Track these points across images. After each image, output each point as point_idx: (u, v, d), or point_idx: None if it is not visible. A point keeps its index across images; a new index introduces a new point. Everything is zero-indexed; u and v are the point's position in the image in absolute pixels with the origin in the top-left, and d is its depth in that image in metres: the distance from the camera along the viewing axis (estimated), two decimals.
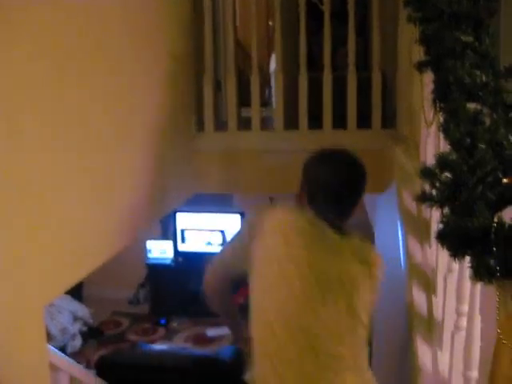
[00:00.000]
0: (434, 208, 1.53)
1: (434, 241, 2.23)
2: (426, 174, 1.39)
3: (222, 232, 6.38)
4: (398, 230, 2.68)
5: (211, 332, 5.57)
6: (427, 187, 1.42)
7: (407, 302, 2.27)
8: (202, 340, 5.76)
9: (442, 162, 1.35)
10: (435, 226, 2.15)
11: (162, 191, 3.06)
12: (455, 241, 1.18)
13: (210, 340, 5.64)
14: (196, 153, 3.51)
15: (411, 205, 2.58)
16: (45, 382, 1.99)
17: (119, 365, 4.07)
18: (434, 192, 1.34)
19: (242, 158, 3.55)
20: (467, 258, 1.19)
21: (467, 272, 1.64)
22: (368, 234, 1.93)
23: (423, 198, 1.38)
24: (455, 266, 1.86)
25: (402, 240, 2.57)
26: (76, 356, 5.31)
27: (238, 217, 6.34)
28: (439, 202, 1.32)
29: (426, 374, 1.94)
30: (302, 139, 3.51)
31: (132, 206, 2.67)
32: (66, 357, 2.28)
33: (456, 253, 1.18)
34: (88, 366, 4.55)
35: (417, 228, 2.48)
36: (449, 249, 1.19)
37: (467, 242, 1.16)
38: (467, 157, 1.33)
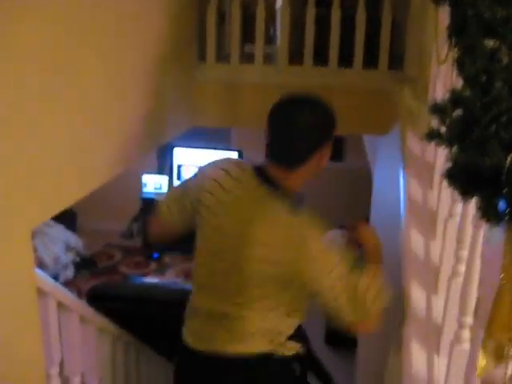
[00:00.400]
0: (442, 148, 1.47)
1: (436, 184, 2.18)
2: (437, 110, 1.31)
3: None
4: (399, 172, 2.62)
5: None
6: (436, 125, 1.35)
7: (403, 246, 2.23)
8: None
9: (455, 97, 1.27)
10: (440, 167, 2.10)
11: (159, 120, 2.97)
12: (464, 180, 1.12)
13: None
14: (196, 83, 3.41)
15: (415, 146, 2.52)
16: (32, 306, 1.97)
17: (110, 295, 4.08)
18: (443, 129, 1.27)
19: (243, 92, 3.45)
20: (472, 202, 1.14)
21: (470, 216, 1.60)
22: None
23: (431, 135, 1.31)
24: (457, 209, 1.81)
25: (403, 183, 2.51)
26: (68, 285, 5.33)
27: (236, 154, 6.27)
28: (449, 140, 1.25)
29: (418, 318, 1.92)
30: (305, 75, 3.41)
31: (125, 133, 2.58)
32: (55, 282, 2.25)
33: (464, 192, 1.13)
34: (79, 296, 4.56)
35: (420, 170, 2.42)
36: (457, 188, 1.14)
37: (477, 182, 1.10)
38: (481, 94, 1.26)
